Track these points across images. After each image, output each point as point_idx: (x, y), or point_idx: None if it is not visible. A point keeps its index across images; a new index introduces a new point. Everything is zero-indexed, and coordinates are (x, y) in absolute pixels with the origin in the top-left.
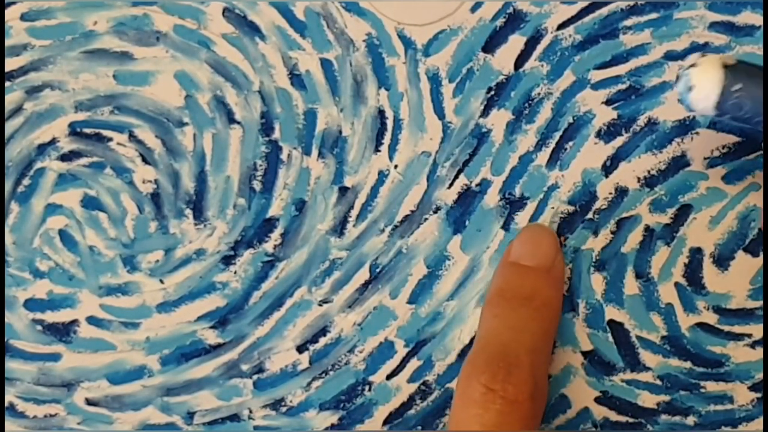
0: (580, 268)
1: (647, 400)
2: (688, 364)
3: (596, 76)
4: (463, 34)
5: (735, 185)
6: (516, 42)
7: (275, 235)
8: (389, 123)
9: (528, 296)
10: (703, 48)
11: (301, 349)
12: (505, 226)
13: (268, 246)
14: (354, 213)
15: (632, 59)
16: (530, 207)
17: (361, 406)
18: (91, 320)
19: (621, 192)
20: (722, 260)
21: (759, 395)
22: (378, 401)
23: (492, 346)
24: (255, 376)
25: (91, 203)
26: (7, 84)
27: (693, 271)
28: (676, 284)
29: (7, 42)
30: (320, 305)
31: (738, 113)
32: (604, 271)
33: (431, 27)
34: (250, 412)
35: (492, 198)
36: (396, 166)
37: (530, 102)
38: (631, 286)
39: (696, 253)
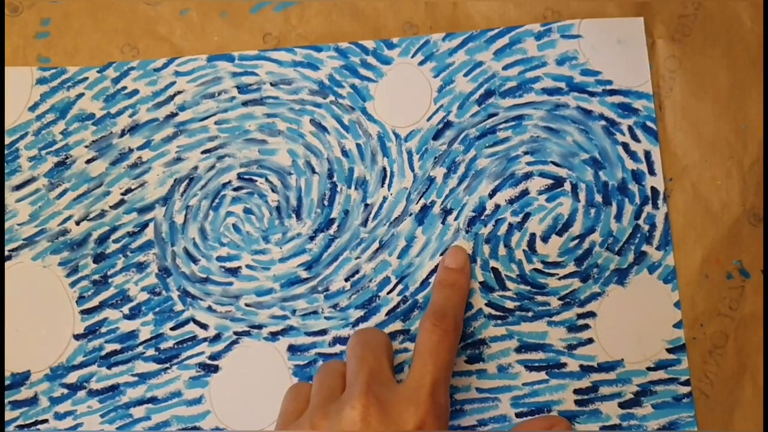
0: (478, 242)
1: (509, 305)
2: (528, 288)
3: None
4: (423, 131)
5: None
6: (446, 137)
7: (334, 227)
8: (388, 173)
9: (452, 284)
10: None
11: (347, 279)
12: (443, 223)
13: (331, 231)
14: (371, 216)
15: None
16: (453, 214)
17: (376, 309)
18: (248, 266)
19: (497, 206)
20: (545, 239)
21: (562, 302)
22: (382, 305)
23: (437, 306)
24: (325, 293)
25: (248, 211)
26: (208, 155)
27: (531, 243)
28: (524, 251)
29: (209, 140)
30: (355, 260)
31: None
32: (489, 244)
33: (409, 127)
34: (322, 310)
35: (437, 209)
36: (391, 194)
37: (455, 164)
38: (501, 250)
39: (533, 235)
